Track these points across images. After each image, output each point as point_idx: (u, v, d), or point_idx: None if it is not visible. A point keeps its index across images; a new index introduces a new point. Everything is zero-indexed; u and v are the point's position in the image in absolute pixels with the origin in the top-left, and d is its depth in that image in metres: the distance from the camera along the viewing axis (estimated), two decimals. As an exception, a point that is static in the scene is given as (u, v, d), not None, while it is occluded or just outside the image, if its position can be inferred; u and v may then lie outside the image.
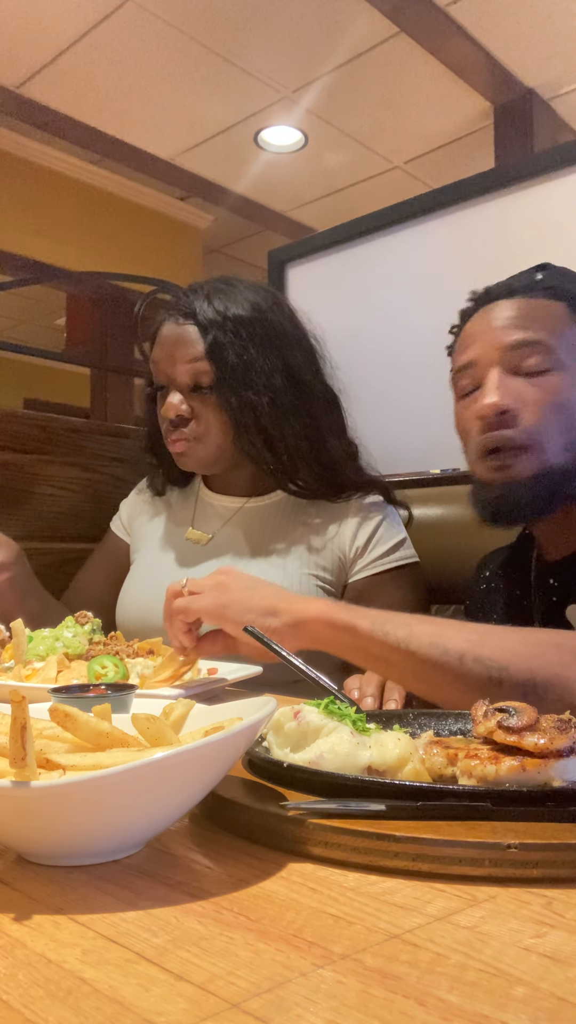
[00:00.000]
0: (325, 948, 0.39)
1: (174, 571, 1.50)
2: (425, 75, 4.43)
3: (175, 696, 0.87)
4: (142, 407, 1.62)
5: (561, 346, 1.12)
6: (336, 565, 1.45)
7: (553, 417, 1.08)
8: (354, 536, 1.45)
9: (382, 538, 1.46)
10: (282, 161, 5.45)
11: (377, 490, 1.51)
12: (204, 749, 0.49)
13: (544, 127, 4.68)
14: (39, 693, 0.81)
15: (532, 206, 1.75)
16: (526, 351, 1.10)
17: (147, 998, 0.35)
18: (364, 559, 1.45)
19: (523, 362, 1.10)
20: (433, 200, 1.92)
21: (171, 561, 1.54)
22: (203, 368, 1.40)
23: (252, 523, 1.52)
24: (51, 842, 0.50)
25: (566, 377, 1.11)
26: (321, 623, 0.93)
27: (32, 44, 4.26)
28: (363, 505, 1.48)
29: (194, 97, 4.72)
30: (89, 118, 4.95)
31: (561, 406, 1.08)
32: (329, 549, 1.46)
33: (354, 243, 2.07)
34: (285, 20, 4.01)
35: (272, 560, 1.45)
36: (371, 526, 1.46)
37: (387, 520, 1.48)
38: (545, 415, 1.08)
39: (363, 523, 1.46)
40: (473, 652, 0.85)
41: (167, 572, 1.51)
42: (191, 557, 1.52)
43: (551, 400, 1.08)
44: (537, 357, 1.10)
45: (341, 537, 1.46)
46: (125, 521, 1.69)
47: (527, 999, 0.35)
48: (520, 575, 1.26)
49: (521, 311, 1.14)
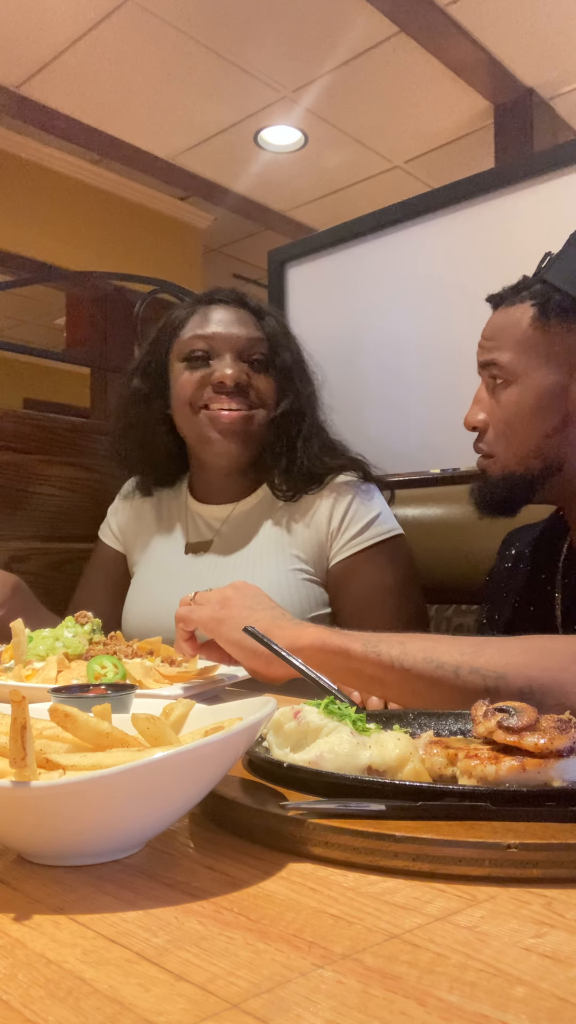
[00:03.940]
0: (325, 948, 0.39)
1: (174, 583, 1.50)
2: (425, 75, 4.43)
3: (175, 696, 0.87)
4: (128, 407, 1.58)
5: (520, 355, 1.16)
6: (316, 552, 1.45)
7: (507, 431, 1.17)
8: (329, 518, 1.45)
9: (356, 515, 1.45)
10: (282, 161, 5.45)
11: (352, 468, 1.51)
12: (204, 749, 0.49)
13: (544, 127, 4.68)
14: (39, 693, 0.81)
15: (532, 206, 1.75)
16: (491, 369, 1.19)
17: (147, 998, 0.35)
18: (340, 540, 1.44)
19: (490, 378, 1.20)
20: (433, 200, 1.92)
21: (170, 573, 1.54)
22: (261, 345, 1.49)
23: (241, 527, 1.53)
24: (51, 842, 0.50)
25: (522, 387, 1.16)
26: (314, 649, 0.93)
27: (32, 44, 4.26)
28: (335, 485, 1.49)
29: (194, 97, 4.72)
30: (89, 118, 4.95)
31: (512, 420, 1.17)
32: (307, 537, 1.46)
33: (354, 243, 2.07)
34: (285, 20, 4.01)
35: (261, 560, 1.45)
36: (344, 505, 1.46)
37: (359, 497, 1.47)
38: (500, 430, 1.18)
39: (336, 503, 1.46)
40: (469, 663, 0.84)
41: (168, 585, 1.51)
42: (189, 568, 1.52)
43: (504, 416, 1.18)
44: (497, 373, 1.18)
45: (318, 522, 1.46)
46: (115, 530, 1.68)
47: (527, 999, 0.34)
48: (547, 559, 1.26)
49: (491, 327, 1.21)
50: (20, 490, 1.76)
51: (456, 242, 1.87)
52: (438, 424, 1.87)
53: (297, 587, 1.42)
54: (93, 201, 5.84)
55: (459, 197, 1.87)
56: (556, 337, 1.14)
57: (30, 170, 5.52)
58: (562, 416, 1.15)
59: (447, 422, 1.85)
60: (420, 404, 1.88)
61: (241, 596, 1.04)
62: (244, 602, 1.03)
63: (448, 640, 0.90)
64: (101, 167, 5.74)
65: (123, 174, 5.77)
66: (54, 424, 1.83)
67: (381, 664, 0.89)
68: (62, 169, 5.66)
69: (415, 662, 0.87)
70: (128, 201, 6.05)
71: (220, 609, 1.03)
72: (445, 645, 0.88)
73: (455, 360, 1.85)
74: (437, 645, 0.88)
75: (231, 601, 1.03)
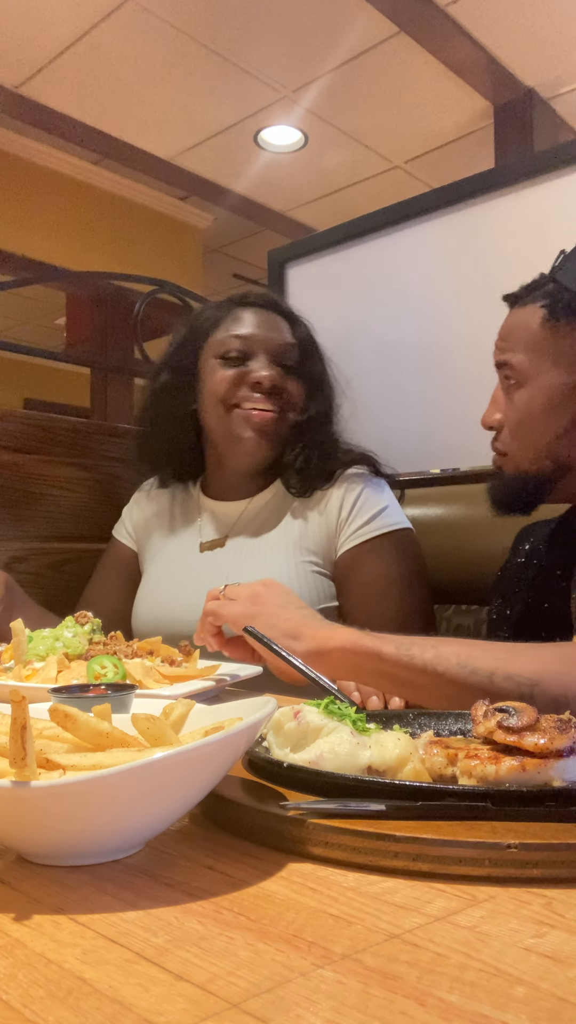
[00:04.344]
0: (325, 948, 0.39)
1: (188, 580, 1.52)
2: (425, 75, 4.43)
3: (175, 696, 0.87)
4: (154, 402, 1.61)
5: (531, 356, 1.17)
6: (325, 543, 1.47)
7: (519, 431, 1.19)
8: (339, 507, 1.48)
9: (364, 505, 1.47)
10: (282, 161, 5.44)
11: (363, 463, 1.55)
12: (204, 749, 0.49)
13: (544, 127, 4.67)
14: (39, 693, 0.80)
15: (532, 206, 1.75)
16: (504, 369, 1.20)
17: (147, 998, 0.35)
18: (348, 529, 1.46)
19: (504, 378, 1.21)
20: (433, 200, 1.92)
21: (184, 570, 1.55)
22: (294, 351, 1.53)
23: (254, 522, 1.54)
24: (51, 842, 0.50)
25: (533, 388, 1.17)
26: (345, 650, 0.93)
27: (32, 44, 4.26)
28: (346, 476, 1.51)
29: (194, 97, 4.72)
30: (89, 118, 4.95)
31: (523, 421, 1.18)
32: (317, 528, 1.48)
33: (354, 243, 2.07)
34: (285, 20, 4.01)
35: (273, 554, 1.47)
36: (353, 495, 1.48)
37: (368, 488, 1.50)
38: (514, 431, 1.20)
39: (347, 493, 1.48)
40: (503, 669, 0.84)
41: (181, 581, 1.52)
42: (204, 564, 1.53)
43: (517, 417, 1.19)
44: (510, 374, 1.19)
45: (328, 512, 1.48)
46: (130, 529, 1.70)
47: (527, 999, 0.34)
48: (563, 555, 1.26)
49: (505, 327, 1.22)
50: (20, 490, 1.76)
51: (456, 242, 1.87)
52: (437, 424, 1.87)
53: (308, 579, 1.44)
54: (93, 201, 5.84)
55: (459, 197, 1.87)
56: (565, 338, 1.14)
57: (30, 170, 5.51)
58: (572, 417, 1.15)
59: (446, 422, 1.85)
60: (420, 404, 1.88)
61: (272, 594, 1.04)
62: (275, 600, 1.03)
63: (481, 645, 0.90)
64: (101, 167, 5.74)
65: (123, 174, 5.77)
66: (54, 424, 1.83)
67: (413, 668, 0.89)
68: (62, 169, 5.65)
69: (448, 667, 0.87)
70: (128, 201, 6.05)
71: (251, 605, 1.02)
72: (479, 650, 0.88)
73: (455, 360, 1.85)
74: (471, 650, 0.88)
75: (262, 598, 1.03)
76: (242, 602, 1.03)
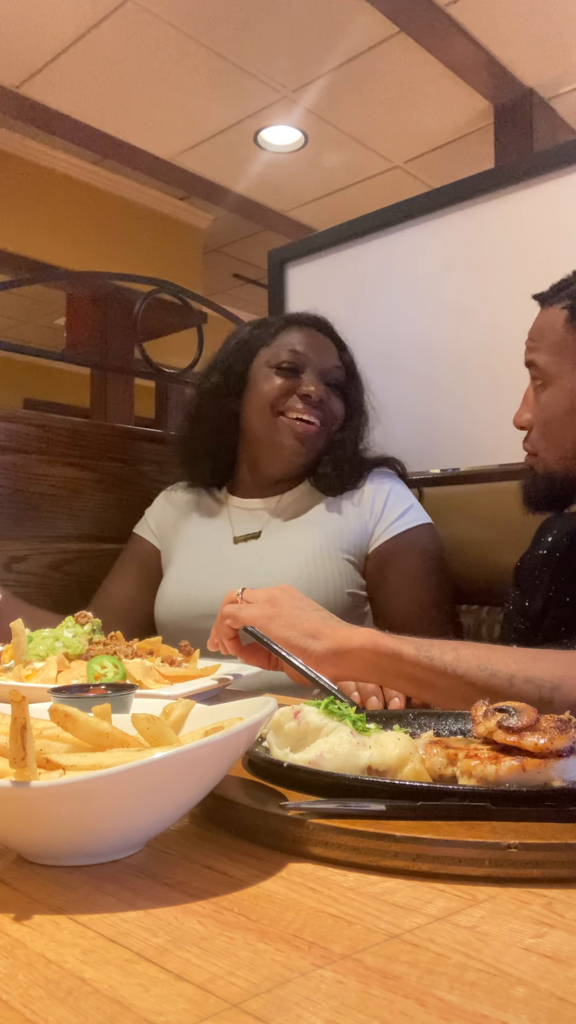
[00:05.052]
0: (325, 948, 0.39)
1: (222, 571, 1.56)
2: (425, 75, 4.43)
3: (175, 696, 0.87)
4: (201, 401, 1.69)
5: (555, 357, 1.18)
6: (359, 537, 1.55)
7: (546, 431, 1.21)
8: (372, 503, 1.58)
9: (397, 501, 1.59)
10: (282, 161, 5.44)
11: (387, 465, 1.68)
12: (204, 749, 0.49)
13: (544, 127, 4.67)
14: (39, 693, 0.80)
15: (532, 206, 1.74)
16: (532, 370, 1.22)
17: (147, 998, 0.35)
18: (382, 523, 1.56)
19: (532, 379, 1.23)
20: (433, 200, 1.91)
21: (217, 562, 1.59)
22: (340, 372, 1.66)
23: (286, 513, 1.62)
24: (51, 842, 0.50)
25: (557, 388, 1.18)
26: (365, 651, 0.93)
27: (32, 44, 4.25)
28: (375, 473, 1.64)
29: (194, 97, 4.72)
30: (89, 118, 4.95)
31: (550, 421, 1.20)
32: (354, 519, 1.57)
33: (354, 243, 2.07)
34: (285, 20, 4.00)
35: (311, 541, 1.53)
36: (385, 491, 1.60)
37: (398, 485, 1.64)
38: (541, 431, 1.22)
39: (378, 490, 1.60)
40: (524, 672, 0.84)
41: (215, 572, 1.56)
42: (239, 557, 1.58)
43: (543, 417, 1.21)
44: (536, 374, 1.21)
45: (363, 505, 1.59)
46: (153, 527, 1.75)
47: (527, 999, 0.34)
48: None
49: (534, 327, 1.24)
50: (20, 490, 1.76)
51: (456, 242, 1.87)
52: (438, 424, 1.86)
53: (340, 566, 1.52)
54: (93, 201, 5.84)
55: (459, 197, 1.86)
56: None
57: (30, 170, 5.51)
58: None
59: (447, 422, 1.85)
60: (420, 404, 1.88)
61: (289, 597, 1.04)
62: (293, 603, 1.03)
63: (502, 648, 0.90)
64: (101, 167, 5.74)
65: (123, 174, 5.77)
66: (54, 424, 1.83)
67: (433, 669, 0.89)
68: (62, 169, 5.65)
69: (468, 668, 0.87)
70: (128, 201, 6.05)
71: (270, 608, 1.02)
72: (499, 654, 0.88)
73: (455, 360, 1.84)
74: (491, 653, 0.88)
75: (279, 601, 1.03)
76: (260, 605, 1.03)
